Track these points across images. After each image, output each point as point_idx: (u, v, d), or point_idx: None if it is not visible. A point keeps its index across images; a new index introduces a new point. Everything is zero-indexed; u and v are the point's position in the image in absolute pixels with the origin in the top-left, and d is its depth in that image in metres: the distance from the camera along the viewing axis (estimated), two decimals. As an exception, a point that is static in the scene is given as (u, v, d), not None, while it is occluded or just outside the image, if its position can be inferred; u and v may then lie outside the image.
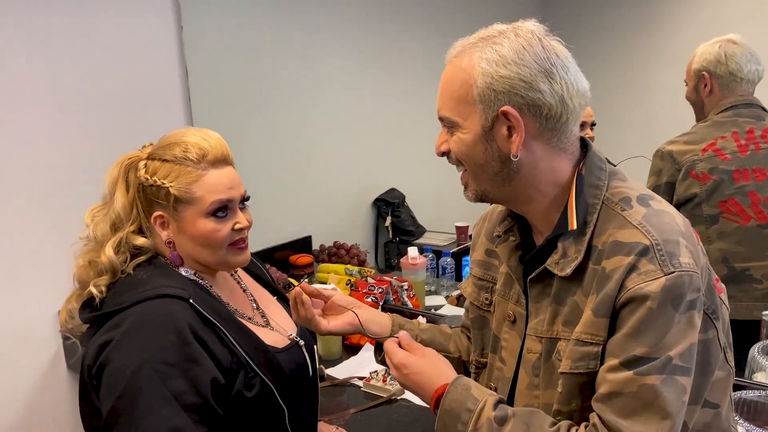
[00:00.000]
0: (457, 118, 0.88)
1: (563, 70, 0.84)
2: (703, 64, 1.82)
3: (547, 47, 0.84)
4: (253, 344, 1.04)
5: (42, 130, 1.81)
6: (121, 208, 1.06)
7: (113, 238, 1.05)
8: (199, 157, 1.03)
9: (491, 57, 0.83)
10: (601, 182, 0.88)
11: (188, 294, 1.00)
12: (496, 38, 0.85)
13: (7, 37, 1.72)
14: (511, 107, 0.83)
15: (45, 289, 1.83)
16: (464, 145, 0.88)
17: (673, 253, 0.80)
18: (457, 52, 0.89)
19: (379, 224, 2.98)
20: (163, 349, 0.93)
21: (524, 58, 0.82)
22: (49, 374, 1.87)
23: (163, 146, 1.06)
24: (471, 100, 0.85)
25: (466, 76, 0.85)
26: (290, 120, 2.56)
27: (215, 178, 1.04)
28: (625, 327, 0.80)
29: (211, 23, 2.22)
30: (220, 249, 1.06)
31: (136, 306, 0.97)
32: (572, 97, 0.84)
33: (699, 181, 1.75)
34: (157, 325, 0.95)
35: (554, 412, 0.87)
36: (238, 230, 1.07)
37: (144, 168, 1.06)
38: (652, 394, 0.78)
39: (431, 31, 3.21)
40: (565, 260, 0.87)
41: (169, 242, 1.07)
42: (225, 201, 1.05)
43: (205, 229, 1.04)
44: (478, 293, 1.08)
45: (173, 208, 1.04)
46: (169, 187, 1.03)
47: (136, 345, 0.94)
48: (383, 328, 1.13)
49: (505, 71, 0.82)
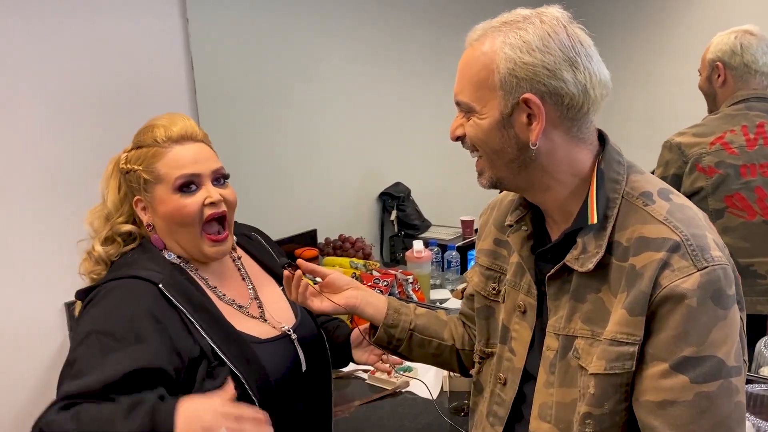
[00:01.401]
0: (476, 103, 0.85)
1: (587, 59, 0.82)
2: (718, 54, 1.80)
3: (572, 35, 0.82)
4: (223, 333, 1.03)
5: (46, 124, 1.82)
6: (111, 202, 1.11)
7: (102, 233, 1.11)
8: (164, 137, 1.07)
9: (515, 42, 0.81)
10: (620, 176, 0.87)
11: (160, 278, 1.01)
12: (521, 23, 0.83)
13: (10, 32, 1.72)
14: (533, 95, 0.81)
15: (50, 281, 1.84)
16: (481, 130, 0.86)
17: (703, 247, 0.79)
18: (478, 35, 0.86)
19: (385, 218, 2.99)
20: (111, 321, 0.95)
21: (549, 45, 0.80)
22: (55, 366, 1.88)
23: (138, 133, 1.12)
24: (491, 86, 0.83)
25: (487, 61, 0.83)
26: (296, 114, 2.56)
27: (178, 153, 1.06)
28: (667, 328, 0.78)
29: (216, 16, 2.22)
30: (193, 227, 1.06)
31: (107, 283, 1.01)
32: (594, 87, 0.82)
33: (705, 175, 1.73)
34: (116, 301, 0.98)
35: (583, 415, 0.84)
36: (210, 204, 1.06)
37: (125, 159, 1.10)
38: (707, 402, 0.76)
39: (436, 26, 3.20)
40: (585, 256, 0.85)
41: (148, 225, 1.10)
42: (189, 175, 1.05)
43: (173, 206, 1.05)
44: (485, 283, 1.06)
45: (144, 189, 1.08)
46: (139, 170, 1.07)
47: (93, 315, 0.97)
48: (378, 311, 1.12)
49: (529, 58, 0.80)
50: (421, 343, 1.14)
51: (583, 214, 0.86)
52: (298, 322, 1.19)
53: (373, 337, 1.13)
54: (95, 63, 1.90)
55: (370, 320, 1.14)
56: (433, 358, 1.17)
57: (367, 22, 2.84)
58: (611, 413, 0.83)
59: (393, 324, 1.12)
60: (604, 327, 0.84)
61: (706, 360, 0.77)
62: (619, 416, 0.83)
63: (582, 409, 0.85)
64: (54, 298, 1.86)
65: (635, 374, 0.81)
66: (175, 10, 2.09)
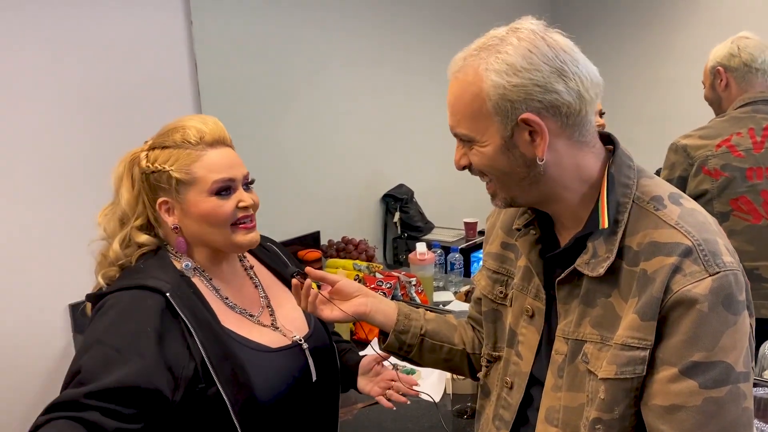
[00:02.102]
0: (474, 133, 0.85)
1: (573, 64, 0.81)
2: (717, 60, 1.81)
3: (552, 45, 0.81)
4: (221, 352, 1.01)
5: (52, 125, 1.82)
6: (126, 203, 1.09)
7: (120, 234, 1.09)
8: (197, 139, 1.06)
9: (499, 67, 0.80)
10: (630, 180, 0.86)
11: (168, 288, 1.01)
12: (499, 46, 0.82)
13: (15, 33, 1.73)
14: (531, 113, 0.80)
15: (55, 283, 1.85)
16: (486, 157, 0.86)
17: (715, 252, 0.79)
18: (459, 66, 0.86)
19: (388, 220, 2.98)
20: (118, 334, 0.95)
21: (533, 61, 0.79)
22: (60, 367, 1.88)
23: (163, 134, 1.09)
24: (486, 114, 0.82)
25: (476, 90, 0.82)
26: (299, 116, 2.56)
27: (214, 157, 1.06)
28: (678, 333, 0.78)
29: (220, 18, 2.22)
30: (225, 227, 1.07)
31: (116, 292, 1.01)
32: (588, 89, 0.82)
33: (711, 177, 1.73)
34: (123, 314, 0.98)
35: (593, 420, 0.84)
36: (243, 208, 1.08)
37: (146, 158, 1.08)
38: (716, 407, 0.76)
39: (440, 28, 3.20)
40: (595, 260, 0.85)
41: (175, 228, 1.08)
42: (227, 180, 1.06)
43: (208, 206, 1.05)
44: (492, 286, 1.06)
45: (176, 191, 1.06)
46: (170, 170, 1.05)
47: (97, 327, 0.97)
48: (388, 318, 1.11)
49: (517, 80, 0.79)
50: (432, 348, 1.14)
51: (593, 218, 0.86)
52: (310, 331, 1.19)
53: (384, 344, 1.13)
54: (101, 65, 1.91)
55: (380, 327, 1.13)
56: (444, 362, 1.17)
57: (371, 24, 2.84)
58: (621, 418, 0.83)
59: (404, 330, 1.11)
60: (613, 332, 0.84)
61: (716, 365, 0.77)
62: (628, 421, 0.83)
63: (592, 414, 0.84)
64: (59, 299, 1.86)
65: (644, 378, 0.81)
66: (179, 13, 2.09)
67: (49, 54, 1.80)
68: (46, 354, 1.86)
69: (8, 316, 1.77)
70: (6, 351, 1.77)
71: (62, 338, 1.89)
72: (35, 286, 1.82)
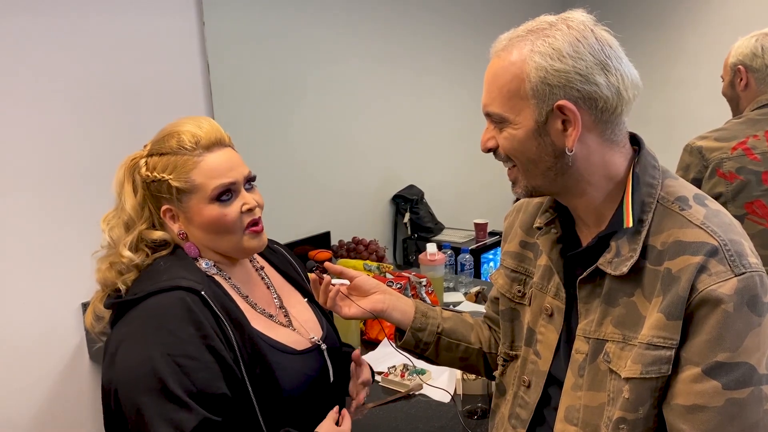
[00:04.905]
0: (508, 113, 0.84)
1: (617, 61, 0.82)
2: (739, 58, 1.78)
3: (600, 38, 0.82)
4: (253, 352, 1.02)
5: (65, 126, 1.84)
6: (131, 208, 1.07)
7: (126, 239, 1.06)
8: (193, 144, 1.03)
9: (545, 50, 0.80)
10: (655, 181, 0.87)
11: (201, 288, 0.99)
12: (548, 30, 0.82)
13: (28, 35, 1.74)
14: (568, 101, 0.80)
15: (68, 282, 1.86)
16: (516, 140, 0.85)
17: (741, 253, 0.79)
18: (504, 45, 0.85)
19: (398, 221, 2.99)
20: (183, 342, 0.93)
21: (580, 50, 0.80)
22: (72, 366, 1.89)
23: (159, 140, 1.07)
24: (523, 95, 0.82)
25: (516, 70, 0.82)
26: (310, 116, 2.57)
27: (213, 162, 1.03)
28: (702, 333, 0.78)
29: (232, 20, 2.23)
30: (232, 234, 1.05)
31: (151, 298, 0.97)
32: (627, 88, 0.82)
33: (725, 180, 1.71)
34: (174, 318, 0.95)
35: (617, 420, 0.84)
36: (247, 211, 1.06)
37: (144, 166, 1.06)
38: (737, 408, 0.76)
39: (453, 29, 3.20)
40: (618, 259, 0.85)
41: (181, 234, 1.07)
42: (227, 184, 1.03)
43: (212, 214, 1.03)
44: (510, 285, 1.06)
45: (178, 199, 1.04)
46: (169, 179, 1.03)
47: (156, 339, 0.93)
48: (405, 315, 1.11)
49: (560, 65, 0.80)
50: (448, 347, 1.14)
51: (617, 217, 0.86)
52: (324, 333, 1.19)
53: (400, 341, 1.13)
54: (114, 65, 1.92)
55: (397, 325, 1.13)
56: (460, 361, 1.17)
57: (384, 24, 2.84)
58: (646, 418, 0.82)
59: (420, 327, 1.11)
60: (636, 331, 0.84)
61: (739, 366, 0.76)
62: (652, 421, 0.83)
63: (616, 413, 0.84)
64: (71, 299, 1.87)
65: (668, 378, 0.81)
66: (192, 14, 2.10)
67: (65, 55, 1.81)
68: (59, 353, 1.87)
69: (22, 316, 1.79)
70: (19, 350, 1.79)
71: (75, 337, 1.90)
72: (48, 285, 1.83)
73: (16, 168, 1.75)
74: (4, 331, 1.76)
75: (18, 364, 1.79)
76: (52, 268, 1.84)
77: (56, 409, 1.87)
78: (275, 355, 1.05)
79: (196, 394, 0.92)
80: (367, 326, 1.96)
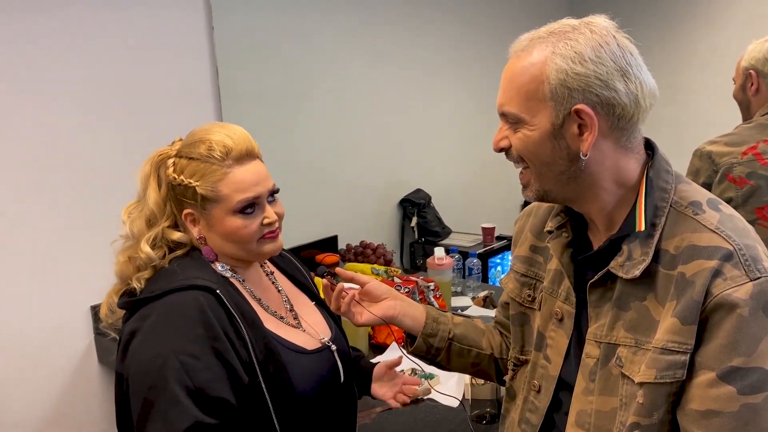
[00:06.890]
0: (525, 114, 0.84)
1: (637, 68, 0.82)
2: (751, 62, 1.77)
3: (621, 44, 0.82)
4: (267, 352, 1.03)
5: (74, 128, 1.85)
6: (154, 204, 1.07)
7: (148, 234, 1.06)
8: (224, 154, 1.03)
9: (566, 53, 0.80)
10: (668, 185, 0.86)
11: (217, 287, 1.00)
12: (570, 34, 0.82)
13: (38, 37, 1.76)
14: (586, 105, 0.80)
15: (78, 284, 1.87)
16: (531, 142, 0.85)
17: (756, 257, 0.78)
18: (524, 45, 0.85)
19: (405, 225, 2.99)
20: (190, 341, 0.94)
21: (601, 55, 0.80)
22: (81, 368, 1.90)
23: (189, 144, 1.07)
24: (542, 97, 0.82)
25: (536, 72, 0.81)
26: (318, 120, 2.57)
27: (241, 175, 1.03)
28: (717, 337, 0.77)
29: (241, 24, 2.25)
30: (250, 243, 1.06)
31: (165, 296, 0.98)
32: (645, 96, 0.82)
33: (735, 185, 1.70)
34: (186, 317, 0.96)
35: (631, 425, 0.83)
36: (268, 224, 1.07)
37: (172, 166, 1.06)
38: (752, 413, 0.76)
39: (461, 33, 3.20)
40: (630, 263, 0.84)
41: (200, 238, 1.08)
42: (252, 199, 1.04)
43: (233, 226, 1.04)
44: (520, 289, 1.05)
45: (201, 206, 1.04)
46: (195, 186, 1.03)
47: (165, 336, 0.95)
48: (416, 321, 1.11)
49: (581, 68, 0.79)
50: (460, 353, 1.14)
51: (629, 221, 0.85)
52: (333, 335, 1.20)
53: (412, 347, 1.12)
54: (123, 69, 1.93)
55: (409, 331, 1.12)
56: (472, 367, 1.16)
57: (392, 28, 2.85)
58: (660, 423, 0.82)
59: (432, 333, 1.11)
60: (648, 335, 0.83)
61: (754, 371, 0.76)
62: (666, 426, 0.82)
63: (629, 419, 0.84)
64: (80, 300, 1.89)
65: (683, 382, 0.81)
66: (201, 19, 2.12)
67: (72, 58, 1.83)
68: (69, 355, 1.88)
69: (32, 318, 1.80)
70: (29, 352, 1.80)
71: (84, 339, 1.92)
72: (58, 288, 1.84)
73: (25, 170, 1.76)
74: (13, 333, 1.77)
75: (27, 365, 1.80)
76: (61, 270, 1.85)
77: (65, 411, 1.88)
78: (288, 355, 1.06)
79: (194, 392, 0.92)
80: (375, 330, 1.95)
